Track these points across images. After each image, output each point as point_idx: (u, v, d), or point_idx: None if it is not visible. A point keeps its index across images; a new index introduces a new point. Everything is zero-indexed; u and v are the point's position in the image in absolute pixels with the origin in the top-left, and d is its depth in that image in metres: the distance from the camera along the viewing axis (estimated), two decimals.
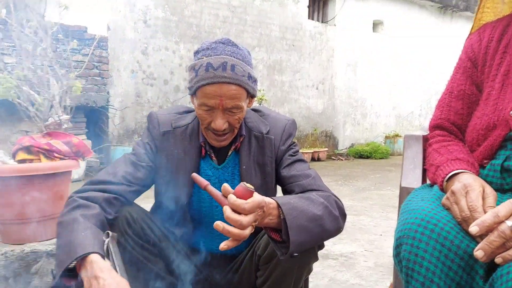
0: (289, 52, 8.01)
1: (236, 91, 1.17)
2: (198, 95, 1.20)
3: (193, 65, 1.20)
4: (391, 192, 4.80)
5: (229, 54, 1.18)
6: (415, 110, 10.40)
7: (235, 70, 1.16)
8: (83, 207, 1.13)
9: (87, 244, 1.02)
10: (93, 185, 1.21)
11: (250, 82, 1.21)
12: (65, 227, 1.07)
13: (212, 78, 1.15)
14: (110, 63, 5.85)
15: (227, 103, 1.17)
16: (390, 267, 2.32)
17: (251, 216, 0.94)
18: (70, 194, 1.20)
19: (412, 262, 0.83)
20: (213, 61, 1.15)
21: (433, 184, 1.03)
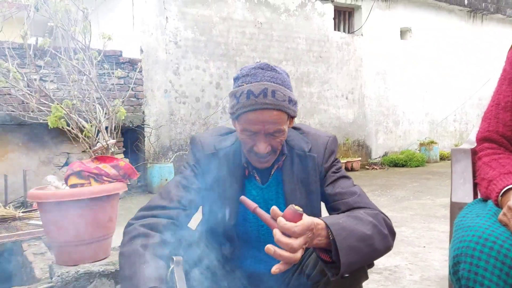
0: (317, 64, 8.02)
1: (278, 116, 1.18)
2: (240, 121, 1.21)
3: (234, 92, 1.21)
4: (431, 201, 4.67)
5: (268, 80, 1.19)
6: (449, 116, 10.12)
7: (276, 96, 1.17)
8: (143, 236, 1.15)
9: (148, 278, 1.04)
10: (150, 211, 1.24)
11: (291, 106, 1.22)
12: (127, 259, 1.10)
13: (253, 105, 1.16)
14: (144, 84, 6.05)
15: (269, 128, 1.19)
16: (437, 281, 2.25)
17: (302, 238, 0.95)
18: (129, 221, 1.23)
19: (472, 281, 0.81)
20: (253, 88, 1.17)
21: (486, 199, 1.01)
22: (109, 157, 1.78)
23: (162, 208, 1.25)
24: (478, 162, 1.11)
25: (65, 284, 1.54)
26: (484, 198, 1.03)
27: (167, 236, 1.21)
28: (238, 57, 7.04)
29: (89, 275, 1.58)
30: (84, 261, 1.64)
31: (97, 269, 1.60)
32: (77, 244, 1.61)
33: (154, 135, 6.15)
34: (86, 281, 1.57)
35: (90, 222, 1.63)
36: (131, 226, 1.20)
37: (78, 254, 1.63)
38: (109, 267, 1.62)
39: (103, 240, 1.71)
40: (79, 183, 1.66)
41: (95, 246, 1.67)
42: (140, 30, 6.10)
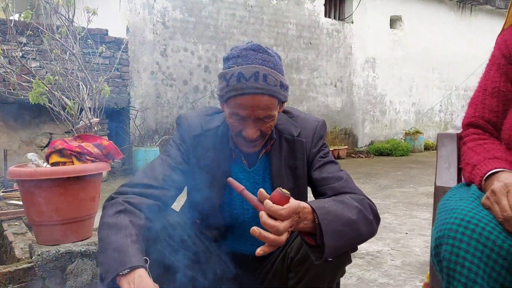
0: (306, 51, 7.98)
1: (269, 101, 1.15)
2: (229, 105, 1.18)
3: (224, 74, 1.18)
4: (413, 189, 4.73)
5: (260, 63, 1.15)
6: (435, 106, 10.23)
7: (267, 80, 1.14)
8: (130, 214, 1.13)
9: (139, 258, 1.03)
10: (134, 188, 1.22)
11: (282, 91, 1.19)
12: (115, 231, 1.08)
13: (244, 89, 1.13)
14: (130, 64, 5.94)
15: (259, 114, 1.16)
16: (418, 266, 2.29)
17: (287, 222, 0.94)
18: (111, 195, 1.20)
19: (454, 262, 0.82)
20: (244, 71, 1.13)
21: (470, 183, 1.02)
22: (92, 136, 1.74)
23: (147, 187, 1.23)
24: (463, 147, 1.11)
25: (45, 264, 1.51)
26: (468, 182, 1.03)
27: (150, 218, 1.20)
28: (228, 40, 6.95)
29: (70, 254, 1.55)
30: (65, 241, 1.61)
31: (78, 249, 1.58)
32: (58, 223, 1.59)
33: (139, 117, 6.07)
34: (67, 260, 1.55)
35: (72, 202, 1.60)
36: (114, 200, 1.17)
37: (59, 234, 1.60)
38: (91, 247, 1.60)
39: (85, 220, 1.68)
40: (61, 161, 1.62)
41: (77, 226, 1.65)
42: (127, 8, 5.96)
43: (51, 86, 1.77)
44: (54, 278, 1.52)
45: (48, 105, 1.77)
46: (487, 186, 0.92)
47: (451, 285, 0.82)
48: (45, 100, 1.75)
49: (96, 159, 1.67)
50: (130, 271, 1.00)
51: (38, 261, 1.51)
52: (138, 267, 1.01)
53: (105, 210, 1.16)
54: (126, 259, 1.01)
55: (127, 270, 1.00)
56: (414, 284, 2.04)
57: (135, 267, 1.01)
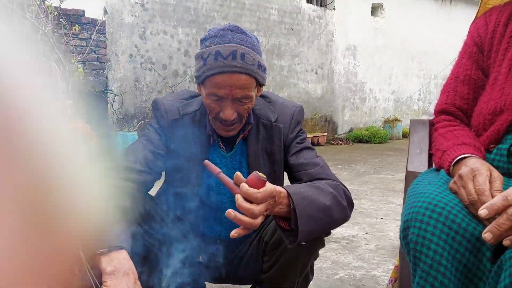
0: (288, 37, 7.95)
1: (246, 80, 1.15)
2: (206, 85, 1.17)
3: (201, 53, 1.16)
4: (390, 176, 4.83)
5: (238, 42, 1.14)
6: (413, 95, 10.39)
7: (245, 59, 1.13)
8: None
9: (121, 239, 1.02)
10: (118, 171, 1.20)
11: (260, 71, 1.19)
12: None
13: (221, 68, 1.12)
14: (108, 47, 5.80)
15: (236, 93, 1.15)
16: (391, 250, 2.36)
17: (263, 205, 0.95)
18: None
19: (420, 244, 0.84)
20: (222, 49, 1.12)
21: (440, 169, 1.04)
22: None
23: (130, 171, 1.21)
24: (434, 133, 1.13)
25: None
26: (437, 167, 1.06)
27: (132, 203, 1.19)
28: (208, 24, 6.85)
29: None
30: None
31: None
32: None
33: (117, 101, 5.96)
34: None
35: None
36: None
37: None
38: None
39: None
40: None
41: None
42: None
43: None
44: None
45: None
46: (455, 171, 0.95)
47: (418, 266, 0.85)
48: None
49: None
50: (111, 251, 1.00)
51: None
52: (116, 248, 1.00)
53: None
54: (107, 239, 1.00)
55: (106, 250, 0.99)
56: (386, 267, 2.10)
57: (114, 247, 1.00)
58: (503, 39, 1.08)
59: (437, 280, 0.81)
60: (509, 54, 1.04)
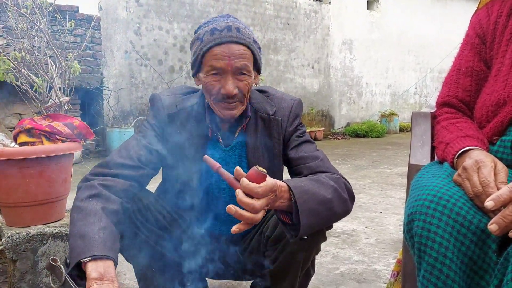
0: (284, 31, 7.92)
1: (244, 51, 1.17)
2: (205, 60, 1.18)
3: (197, 35, 1.20)
4: (388, 170, 4.84)
5: (232, 20, 1.20)
6: (410, 88, 10.40)
7: (241, 31, 1.17)
8: (104, 199, 1.10)
9: (107, 247, 1.00)
10: (109, 169, 1.18)
11: (255, 46, 1.21)
12: (85, 216, 1.05)
13: (219, 39, 1.14)
14: (103, 43, 5.76)
15: (236, 63, 1.16)
16: (392, 244, 2.36)
17: (264, 200, 0.94)
18: (86, 177, 1.17)
19: (425, 237, 0.83)
20: (217, 24, 1.16)
21: (442, 161, 1.04)
22: (63, 115, 1.68)
23: (122, 167, 1.20)
24: (437, 126, 1.12)
25: (16, 246, 1.47)
26: (441, 160, 1.05)
27: (123, 198, 1.17)
28: (204, 19, 6.80)
29: (42, 236, 1.51)
30: (36, 222, 1.57)
31: (50, 230, 1.54)
32: (28, 205, 1.54)
33: (113, 98, 5.92)
34: (39, 242, 1.51)
35: (42, 183, 1.55)
36: (89, 182, 1.14)
37: (29, 215, 1.56)
38: (63, 229, 1.57)
39: (57, 202, 1.64)
40: (30, 141, 1.56)
41: (48, 207, 1.60)
42: None
43: (17, 63, 1.69)
44: (25, 260, 1.48)
45: (15, 82, 1.70)
46: (459, 163, 0.94)
47: (422, 259, 0.84)
48: (12, 78, 1.68)
49: (67, 139, 1.61)
50: (97, 259, 0.98)
51: (8, 244, 1.46)
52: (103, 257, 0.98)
53: (79, 192, 1.14)
54: (89, 248, 0.98)
55: (89, 258, 0.97)
56: (387, 261, 2.10)
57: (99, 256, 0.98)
58: (505, 30, 1.07)
59: (442, 273, 0.80)
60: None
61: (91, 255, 0.97)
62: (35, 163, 1.50)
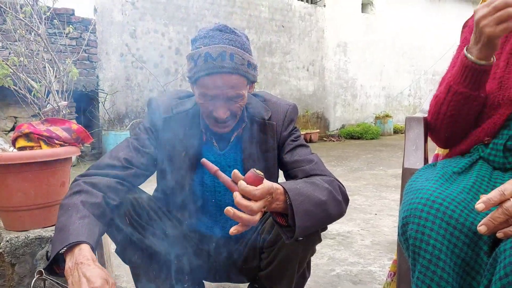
0: (279, 34, 7.96)
1: (237, 80, 1.17)
2: (198, 85, 1.19)
3: (192, 55, 1.19)
4: (383, 171, 4.87)
5: (227, 42, 1.16)
6: (404, 91, 10.47)
7: (234, 59, 1.15)
8: (85, 193, 1.14)
9: (81, 233, 1.03)
10: (98, 170, 1.22)
11: (250, 70, 1.20)
12: (65, 211, 1.09)
13: (211, 69, 1.14)
14: (99, 46, 5.76)
15: (228, 92, 1.17)
16: (387, 245, 2.38)
17: (261, 202, 0.96)
18: (75, 177, 1.21)
19: (419, 240, 0.86)
20: (211, 50, 1.14)
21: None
22: (61, 119, 1.69)
23: (110, 167, 1.23)
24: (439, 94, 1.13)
25: (15, 250, 1.48)
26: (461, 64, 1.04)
27: (110, 195, 1.19)
28: (199, 22, 6.83)
29: (40, 240, 1.52)
30: (34, 226, 1.57)
31: (48, 234, 1.54)
32: (27, 209, 1.54)
33: (109, 101, 5.92)
34: (37, 246, 1.52)
35: (41, 187, 1.56)
36: (76, 182, 1.18)
37: (28, 219, 1.56)
38: None
39: (55, 205, 1.64)
40: (28, 146, 1.57)
41: (47, 211, 1.61)
42: None
43: (15, 68, 1.70)
44: (24, 264, 1.49)
45: (13, 87, 1.71)
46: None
47: (417, 261, 0.86)
48: (10, 83, 1.69)
49: (65, 143, 1.62)
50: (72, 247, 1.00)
51: (7, 247, 1.47)
52: (79, 243, 1.01)
53: (67, 192, 1.17)
54: (66, 238, 1.01)
55: (65, 248, 1.00)
56: (382, 262, 2.13)
57: (75, 243, 1.01)
58: None
59: (436, 274, 0.82)
60: (507, 47, 1.05)
61: (66, 244, 0.99)
62: (34, 167, 1.51)
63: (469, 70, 0.99)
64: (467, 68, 1.00)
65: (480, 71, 0.99)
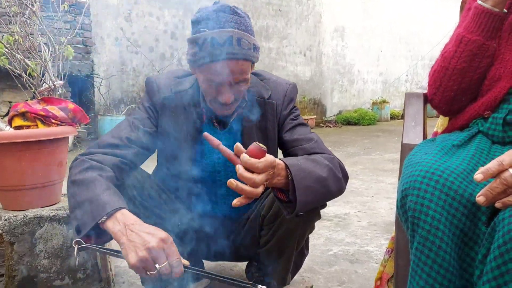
0: (276, 18, 7.88)
1: (244, 65, 1.15)
2: (203, 71, 1.17)
3: (195, 39, 1.14)
4: (380, 156, 4.89)
5: (232, 26, 1.13)
6: (401, 76, 10.46)
7: (241, 44, 1.12)
8: (98, 169, 1.13)
9: (116, 201, 1.03)
10: (100, 149, 1.21)
11: (255, 53, 1.19)
12: (85, 186, 1.07)
13: (218, 55, 1.11)
14: (93, 30, 5.69)
15: (235, 78, 1.16)
16: (383, 226, 2.40)
17: (264, 175, 0.96)
18: (77, 156, 1.20)
19: (418, 211, 0.86)
20: (217, 35, 1.10)
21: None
22: (57, 99, 1.68)
23: (112, 146, 1.22)
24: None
25: (13, 229, 1.48)
26: None
27: (118, 175, 1.19)
28: (195, 5, 6.74)
29: (39, 219, 1.52)
30: (32, 206, 1.57)
31: (47, 213, 1.54)
32: (25, 188, 1.54)
33: (104, 85, 5.87)
34: (36, 225, 1.52)
35: (38, 166, 1.55)
36: (79, 160, 1.17)
37: (25, 199, 1.56)
38: (60, 212, 1.57)
39: (53, 185, 1.64)
40: (25, 125, 1.56)
41: (44, 191, 1.61)
42: None
43: (10, 47, 1.68)
44: (23, 243, 1.49)
45: (8, 67, 1.69)
46: None
47: (416, 232, 0.87)
48: (5, 62, 1.67)
49: (61, 123, 1.61)
50: (111, 215, 1.00)
51: (5, 226, 1.47)
52: (119, 209, 1.01)
53: (72, 170, 1.16)
54: (101, 207, 1.01)
55: (105, 218, 1.00)
56: (379, 242, 2.15)
57: (116, 209, 1.01)
58: None
59: (435, 245, 0.83)
60: (510, 18, 1.04)
61: (106, 213, 0.99)
62: (31, 146, 1.50)
63: (484, 16, 1.01)
64: (482, 14, 1.02)
65: (494, 17, 1.01)
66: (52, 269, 1.55)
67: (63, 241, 1.57)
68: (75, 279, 1.61)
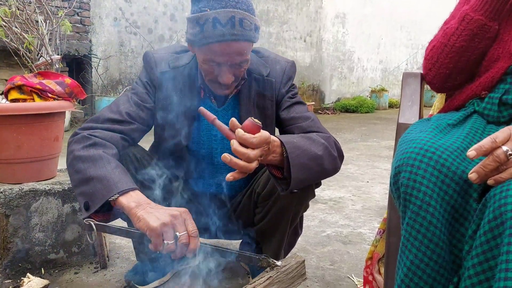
0: (277, 2, 7.80)
1: (246, 46, 1.15)
2: (203, 51, 1.15)
3: (197, 18, 1.12)
4: (376, 143, 4.91)
5: (234, 5, 1.11)
6: (401, 65, 10.42)
7: (244, 25, 1.11)
8: (102, 146, 1.13)
9: (128, 181, 1.05)
10: (100, 123, 1.20)
11: (256, 34, 1.18)
12: (91, 163, 1.07)
13: (221, 36, 1.09)
14: (92, 9, 5.62)
15: (236, 59, 1.15)
16: (377, 210, 2.43)
17: (258, 150, 0.97)
18: (76, 131, 1.19)
19: (411, 187, 0.87)
20: (220, 16, 1.09)
21: None
22: (54, 73, 1.67)
23: (112, 122, 1.22)
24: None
25: (9, 201, 1.48)
26: None
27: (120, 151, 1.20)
28: None
29: (35, 192, 1.53)
30: (27, 179, 1.58)
31: (43, 187, 1.55)
32: (20, 162, 1.54)
33: (102, 66, 5.83)
34: (32, 198, 1.52)
35: (34, 140, 1.55)
36: (80, 135, 1.16)
37: (21, 172, 1.56)
38: (56, 186, 1.58)
39: (49, 160, 1.64)
40: (21, 98, 1.55)
41: (40, 165, 1.61)
42: None
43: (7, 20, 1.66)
44: (18, 215, 1.50)
45: (5, 39, 1.67)
46: None
47: (407, 208, 0.88)
48: (2, 34, 1.65)
49: (58, 97, 1.61)
50: (124, 193, 1.02)
51: (1, 199, 1.47)
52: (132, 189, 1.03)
53: (73, 145, 1.15)
54: (113, 186, 1.02)
55: (117, 195, 1.01)
56: (372, 225, 2.17)
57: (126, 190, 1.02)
58: None
59: (426, 220, 0.84)
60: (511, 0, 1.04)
61: (118, 191, 1.01)
62: (27, 120, 1.50)
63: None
64: None
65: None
66: (47, 242, 1.56)
67: (58, 215, 1.58)
68: (70, 253, 1.62)
